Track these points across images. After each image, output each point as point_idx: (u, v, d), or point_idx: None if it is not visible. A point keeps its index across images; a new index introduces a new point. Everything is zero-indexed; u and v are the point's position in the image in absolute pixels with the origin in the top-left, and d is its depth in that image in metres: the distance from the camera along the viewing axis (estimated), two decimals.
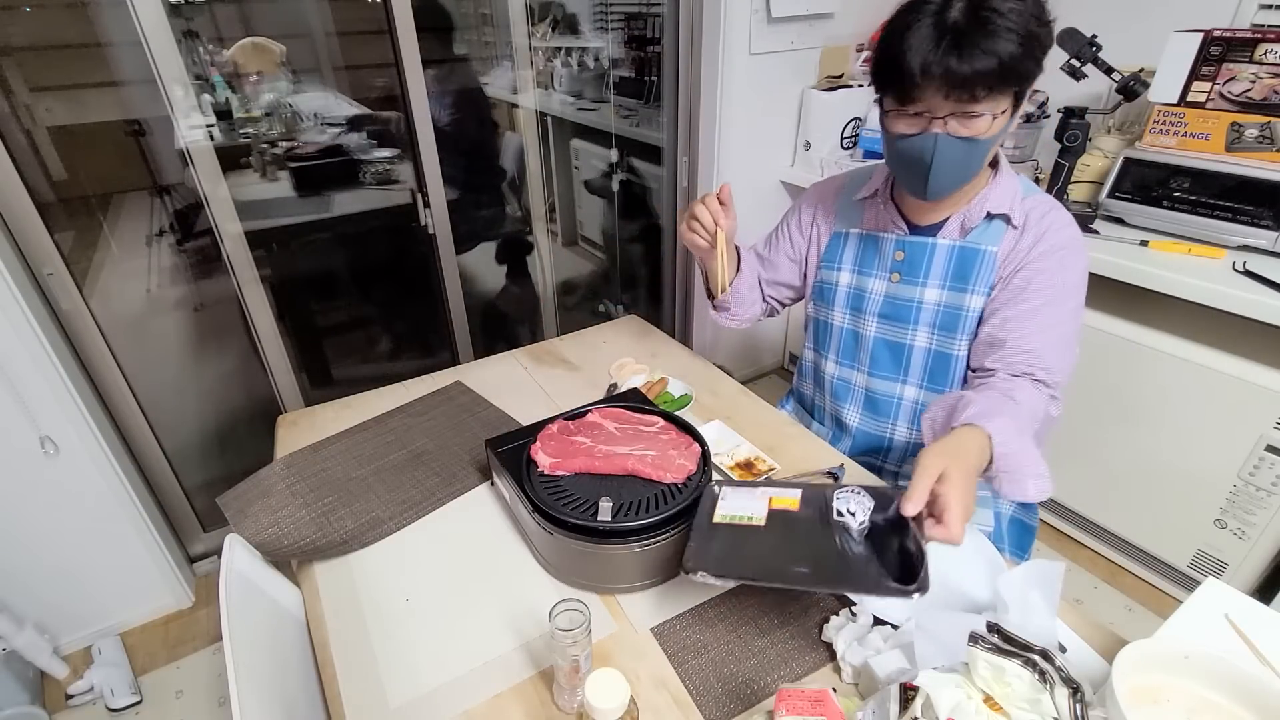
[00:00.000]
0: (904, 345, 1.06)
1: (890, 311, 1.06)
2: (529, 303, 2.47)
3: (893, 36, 0.83)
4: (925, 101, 0.84)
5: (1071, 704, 0.51)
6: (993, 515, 1.09)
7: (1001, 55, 0.77)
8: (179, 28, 1.47)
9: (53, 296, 1.44)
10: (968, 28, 0.78)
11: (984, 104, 0.82)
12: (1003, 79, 0.79)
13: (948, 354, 1.02)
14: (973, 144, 0.86)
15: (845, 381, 1.15)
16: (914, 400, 1.08)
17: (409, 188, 1.86)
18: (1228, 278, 1.35)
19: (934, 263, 1.00)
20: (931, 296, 1.01)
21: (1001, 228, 0.96)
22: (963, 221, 0.98)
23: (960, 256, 0.98)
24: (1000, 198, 0.96)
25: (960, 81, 0.79)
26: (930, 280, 1.01)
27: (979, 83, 0.79)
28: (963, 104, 0.82)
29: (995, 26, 0.77)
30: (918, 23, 0.80)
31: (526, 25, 2.00)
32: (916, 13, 0.81)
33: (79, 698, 1.49)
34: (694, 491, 0.83)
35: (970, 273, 0.98)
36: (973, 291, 0.98)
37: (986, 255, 0.96)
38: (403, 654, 0.76)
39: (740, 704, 0.70)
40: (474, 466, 1.04)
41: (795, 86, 2.12)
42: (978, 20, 0.78)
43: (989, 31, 0.77)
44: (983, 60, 0.78)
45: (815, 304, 1.17)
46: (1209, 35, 1.40)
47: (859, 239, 1.09)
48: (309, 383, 1.98)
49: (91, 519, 1.51)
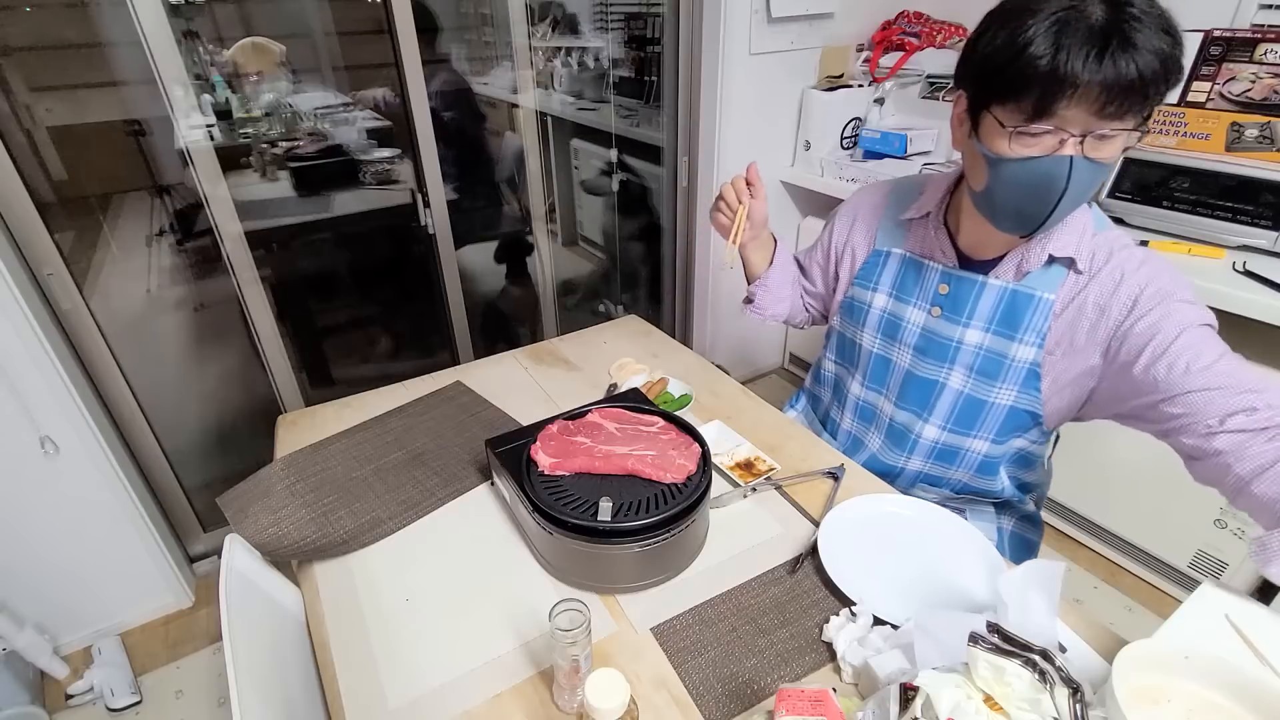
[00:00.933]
0: (935, 383, 0.97)
1: (926, 346, 0.97)
2: (529, 303, 2.47)
3: (1018, 35, 0.69)
4: (1064, 115, 0.69)
5: (1071, 704, 0.51)
6: (995, 529, 1.07)
7: (1165, 54, 0.66)
8: (179, 28, 1.47)
9: (53, 296, 1.44)
10: (1119, 26, 0.65)
11: (1128, 119, 0.69)
12: (1166, 82, 0.68)
13: (982, 400, 0.94)
14: (1101, 170, 0.72)
15: (872, 406, 1.08)
16: (933, 440, 1.00)
17: (409, 188, 1.86)
18: (1228, 278, 1.35)
19: (981, 303, 0.90)
20: (973, 339, 0.92)
21: (1062, 272, 0.84)
22: (1020, 262, 0.86)
23: (1011, 301, 0.88)
24: (1068, 237, 0.83)
25: (1124, 88, 0.66)
26: (974, 321, 0.91)
27: (1142, 90, 0.67)
28: (1107, 120, 0.69)
29: (1145, 24, 0.66)
30: (1052, 21, 0.67)
31: (526, 25, 2.00)
32: (1040, 11, 0.68)
33: (79, 698, 1.49)
34: (694, 491, 0.83)
35: (1021, 320, 0.87)
36: (1021, 341, 0.88)
37: (1041, 303, 0.85)
38: (403, 654, 0.76)
39: (740, 704, 0.70)
40: (474, 466, 1.04)
41: (795, 86, 2.12)
42: (1125, 17, 0.66)
43: (1145, 27, 0.65)
44: (1147, 59, 0.65)
45: (843, 320, 1.10)
46: (1209, 35, 1.40)
47: (900, 261, 1.00)
48: (309, 383, 1.98)
49: (91, 519, 1.51)
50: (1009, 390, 0.92)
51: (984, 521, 1.07)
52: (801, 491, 0.99)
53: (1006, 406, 0.93)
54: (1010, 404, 0.93)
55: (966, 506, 1.08)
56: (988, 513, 1.08)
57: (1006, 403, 0.93)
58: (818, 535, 0.87)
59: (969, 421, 0.97)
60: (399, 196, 1.94)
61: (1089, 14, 0.66)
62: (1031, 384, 0.89)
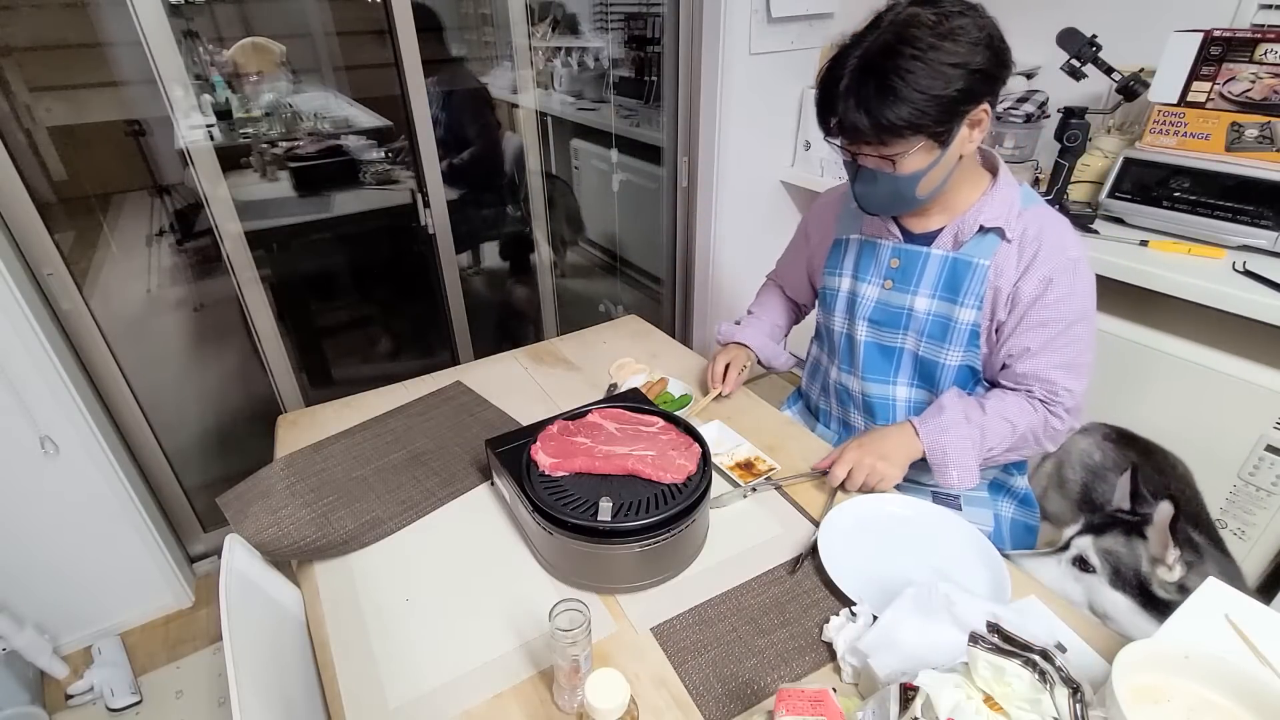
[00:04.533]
0: (894, 349, 1.07)
1: (880, 317, 1.07)
2: (529, 302, 2.47)
3: (821, 75, 0.89)
4: (841, 136, 0.89)
5: (1071, 704, 0.51)
6: (992, 516, 1.10)
7: (887, 118, 0.81)
8: (179, 28, 1.47)
9: (53, 296, 1.44)
10: (865, 83, 0.82)
11: (889, 149, 0.85)
12: (892, 133, 0.83)
13: (934, 361, 1.03)
14: (890, 179, 0.89)
15: (846, 387, 1.15)
16: (906, 400, 1.09)
17: (409, 188, 1.86)
18: (1228, 278, 1.35)
19: (926, 272, 1.01)
20: (922, 305, 1.02)
21: (995, 241, 0.96)
22: (956, 233, 0.98)
23: (952, 268, 0.99)
24: (995, 210, 0.95)
25: (851, 130, 0.86)
26: (921, 289, 1.01)
27: (866, 135, 0.84)
28: (870, 146, 0.86)
29: (888, 86, 0.80)
30: (837, 67, 0.85)
31: (526, 25, 2.00)
32: (841, 56, 0.86)
33: (79, 698, 1.49)
34: (694, 491, 0.83)
35: (961, 285, 0.98)
36: (962, 304, 0.98)
37: (978, 268, 0.96)
38: (403, 654, 0.76)
39: (740, 704, 0.70)
40: (474, 466, 1.04)
41: (795, 86, 2.12)
42: (877, 76, 0.81)
43: (879, 90, 0.81)
44: (865, 119, 0.83)
45: (821, 311, 1.18)
46: (1209, 35, 1.40)
47: (858, 245, 1.09)
48: (309, 383, 1.98)
49: (91, 519, 1.51)
50: (956, 351, 1.02)
51: (981, 508, 1.10)
52: (801, 491, 0.99)
53: (955, 367, 1.03)
54: (959, 364, 1.03)
55: (961, 492, 1.11)
56: (983, 499, 1.11)
57: (955, 363, 1.02)
58: (818, 535, 0.87)
59: (929, 380, 1.06)
60: (399, 196, 1.94)
61: (858, 67, 0.84)
62: (973, 343, 1.01)
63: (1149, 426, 1.54)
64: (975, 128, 0.87)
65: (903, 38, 0.80)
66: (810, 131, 2.14)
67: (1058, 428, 0.98)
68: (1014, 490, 1.15)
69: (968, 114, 0.84)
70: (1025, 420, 0.97)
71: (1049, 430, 0.98)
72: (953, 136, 0.86)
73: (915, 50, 0.79)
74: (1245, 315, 1.29)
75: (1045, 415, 0.97)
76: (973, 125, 0.87)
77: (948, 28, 0.80)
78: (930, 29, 0.80)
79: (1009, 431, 0.96)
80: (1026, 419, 0.97)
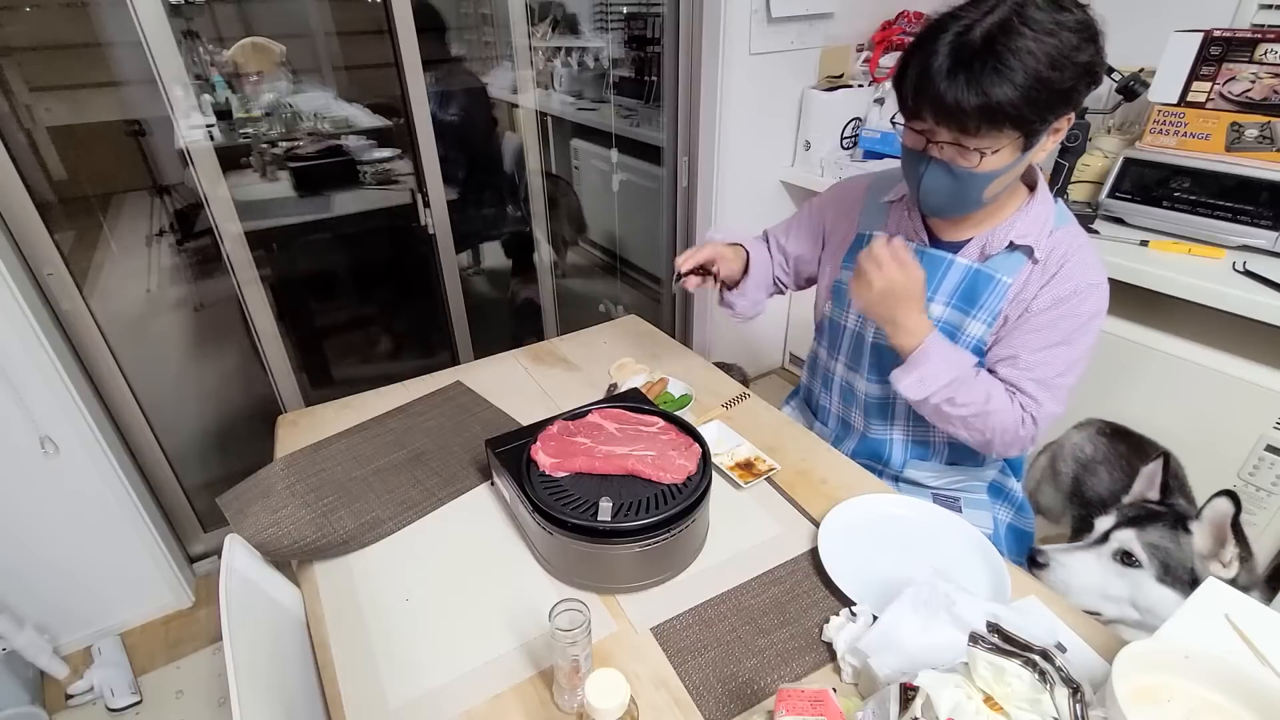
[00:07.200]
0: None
1: None
2: (529, 302, 2.47)
3: (910, 49, 0.82)
4: (923, 121, 0.83)
5: (1071, 704, 0.51)
6: (991, 520, 1.10)
7: (995, 98, 0.76)
8: (179, 28, 1.47)
9: (53, 296, 1.44)
10: (973, 60, 0.76)
11: (979, 139, 0.80)
12: (992, 120, 0.78)
13: None
14: (966, 176, 0.84)
15: (850, 385, 1.14)
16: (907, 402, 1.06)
17: (409, 188, 1.86)
18: (1228, 278, 1.35)
19: (946, 280, 0.98)
20: (935, 312, 0.99)
21: (1022, 259, 0.93)
22: (984, 246, 0.95)
23: (973, 280, 0.96)
24: (1027, 226, 0.92)
25: (947, 112, 0.79)
26: (938, 296, 0.99)
27: (966, 118, 0.78)
28: (956, 135, 0.81)
29: (1003, 66, 0.75)
30: (933, 41, 0.78)
31: (526, 25, 2.00)
32: (940, 30, 0.79)
33: (79, 698, 1.49)
34: (694, 491, 0.83)
35: (978, 298, 0.95)
36: (975, 317, 0.96)
37: (999, 285, 0.93)
38: (403, 654, 0.76)
39: (740, 704, 0.70)
40: (474, 466, 1.04)
41: (795, 86, 2.12)
42: (989, 54, 0.75)
43: (993, 69, 0.75)
44: (972, 98, 0.76)
45: (832, 304, 1.15)
46: (1209, 35, 1.40)
47: None
48: (309, 383, 1.98)
49: (91, 519, 1.51)
50: None
51: (980, 511, 1.10)
52: (801, 491, 0.99)
53: None
54: None
55: (961, 495, 1.11)
56: (983, 500, 1.12)
57: None
58: (818, 535, 0.87)
59: None
60: (399, 196, 1.94)
61: (964, 42, 0.77)
62: (977, 356, 0.98)
63: (1149, 426, 1.54)
64: (1054, 136, 0.84)
65: (1022, 18, 0.75)
66: (810, 131, 2.14)
67: (1020, 434, 0.93)
68: (1011, 496, 1.14)
69: (1059, 117, 0.81)
70: (998, 405, 0.92)
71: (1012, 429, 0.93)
72: (1038, 140, 0.82)
73: (1035, 33, 0.75)
74: (1245, 315, 1.29)
75: (1019, 415, 0.93)
76: (1054, 133, 0.84)
77: (1067, 17, 0.76)
78: (1049, 13, 0.76)
79: (982, 400, 0.92)
80: (1000, 405, 0.92)
